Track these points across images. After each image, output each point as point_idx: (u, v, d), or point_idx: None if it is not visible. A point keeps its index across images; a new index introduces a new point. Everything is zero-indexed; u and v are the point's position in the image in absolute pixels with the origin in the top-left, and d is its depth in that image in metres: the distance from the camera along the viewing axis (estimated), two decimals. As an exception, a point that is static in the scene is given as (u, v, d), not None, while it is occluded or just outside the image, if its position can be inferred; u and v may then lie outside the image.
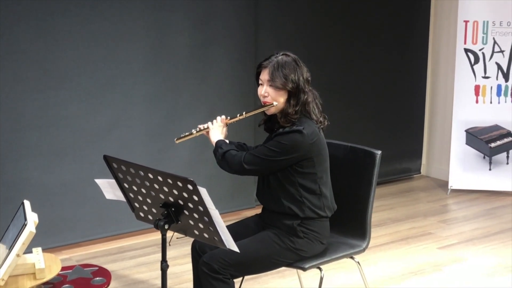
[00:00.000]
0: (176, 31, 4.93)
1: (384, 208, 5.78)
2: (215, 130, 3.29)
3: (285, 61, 3.13)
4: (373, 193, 3.41)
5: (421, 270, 4.43)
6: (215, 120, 3.32)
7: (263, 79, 3.15)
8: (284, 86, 3.10)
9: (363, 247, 3.41)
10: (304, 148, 3.08)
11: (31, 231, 2.54)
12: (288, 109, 3.13)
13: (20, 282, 2.63)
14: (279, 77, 3.09)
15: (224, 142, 3.23)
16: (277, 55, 3.17)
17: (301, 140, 3.07)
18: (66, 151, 4.59)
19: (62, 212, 4.65)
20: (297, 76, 3.12)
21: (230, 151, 3.17)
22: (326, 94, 5.85)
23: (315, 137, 3.13)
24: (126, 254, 4.71)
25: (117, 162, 2.86)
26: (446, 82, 6.50)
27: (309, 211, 3.16)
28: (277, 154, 3.07)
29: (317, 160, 3.16)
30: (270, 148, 3.09)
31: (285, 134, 3.08)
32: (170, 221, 2.79)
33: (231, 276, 3.10)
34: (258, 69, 3.21)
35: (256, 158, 3.10)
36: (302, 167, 3.13)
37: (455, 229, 5.25)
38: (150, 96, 4.91)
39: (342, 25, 5.90)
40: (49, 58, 4.45)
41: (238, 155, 3.15)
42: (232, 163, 3.14)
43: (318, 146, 3.16)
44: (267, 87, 3.13)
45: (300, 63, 3.19)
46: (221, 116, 3.32)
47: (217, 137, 3.27)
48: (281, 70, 3.10)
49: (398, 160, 6.55)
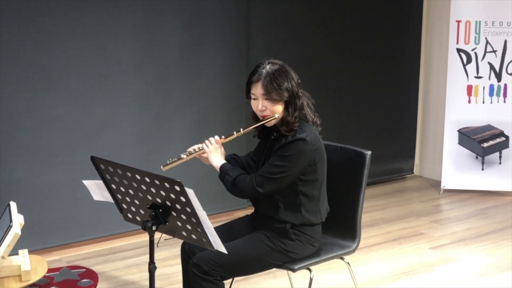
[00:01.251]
0: (166, 31, 4.91)
1: (376, 208, 5.77)
2: (213, 153, 3.19)
3: (275, 70, 3.06)
4: (363, 193, 3.40)
5: (412, 270, 4.42)
6: (208, 142, 3.21)
7: (257, 94, 3.08)
8: (280, 97, 3.05)
9: (353, 248, 3.40)
10: (308, 155, 3.06)
11: (16, 233, 2.52)
12: (287, 118, 3.08)
13: (6, 284, 2.62)
14: (274, 89, 3.03)
15: (230, 167, 3.15)
16: (264, 65, 3.10)
17: (306, 148, 3.04)
18: (56, 152, 4.57)
19: (52, 213, 4.63)
20: (290, 83, 3.08)
21: (239, 177, 3.10)
22: (319, 95, 5.85)
23: (318, 142, 3.12)
24: (117, 255, 4.69)
25: (104, 163, 2.84)
26: (438, 82, 6.50)
27: (304, 219, 3.15)
28: (285, 168, 3.02)
29: (320, 165, 3.15)
30: (277, 164, 3.03)
31: (288, 145, 3.04)
32: (158, 222, 2.78)
33: (221, 277, 3.09)
34: (248, 85, 3.12)
35: (267, 179, 3.04)
36: (305, 175, 3.11)
37: (447, 229, 5.25)
38: (140, 97, 4.89)
39: (334, 25, 5.89)
40: (39, 59, 4.43)
41: (248, 180, 3.07)
42: (245, 190, 3.08)
43: (320, 151, 3.15)
44: (263, 101, 3.07)
45: (287, 68, 3.14)
46: (215, 137, 3.21)
47: (219, 161, 3.18)
48: (274, 81, 3.03)
49: (391, 160, 6.54)
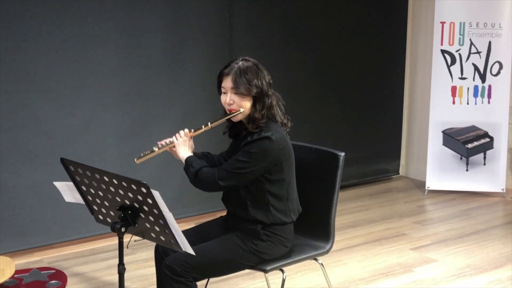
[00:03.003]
0: (148, 32, 4.93)
1: (360, 209, 5.79)
2: (181, 145, 3.21)
3: (247, 67, 3.10)
4: (336, 194, 3.42)
5: (391, 271, 4.44)
6: (178, 135, 3.24)
7: (227, 87, 3.12)
8: (248, 92, 3.08)
9: (327, 249, 3.41)
10: (273, 154, 3.08)
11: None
12: (254, 114, 3.10)
13: (-29, 286, 2.64)
14: (243, 83, 3.06)
15: (194, 160, 3.18)
16: (237, 61, 3.14)
17: (271, 146, 3.06)
18: (36, 153, 4.58)
19: (33, 214, 4.64)
20: (260, 81, 3.11)
21: (202, 169, 3.12)
22: (303, 96, 5.94)
23: (284, 142, 3.13)
24: (98, 256, 4.70)
25: (74, 165, 2.86)
26: (423, 83, 6.52)
27: (275, 218, 3.16)
28: (248, 164, 3.05)
29: (286, 165, 3.16)
30: (241, 160, 3.06)
31: (254, 142, 3.06)
32: (127, 224, 2.80)
33: (193, 279, 3.09)
34: (219, 77, 3.16)
35: (230, 173, 3.07)
36: (271, 174, 3.12)
37: (429, 230, 5.26)
38: (122, 98, 4.90)
39: (318, 25, 5.90)
40: (19, 60, 4.43)
41: (210, 172, 3.10)
42: (207, 182, 3.11)
43: (286, 151, 3.16)
44: (232, 94, 3.10)
45: (260, 67, 3.17)
46: (184, 130, 3.24)
47: (185, 153, 3.21)
48: (244, 76, 3.07)
49: (377, 160, 6.56)
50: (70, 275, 4.37)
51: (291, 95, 5.77)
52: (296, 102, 5.85)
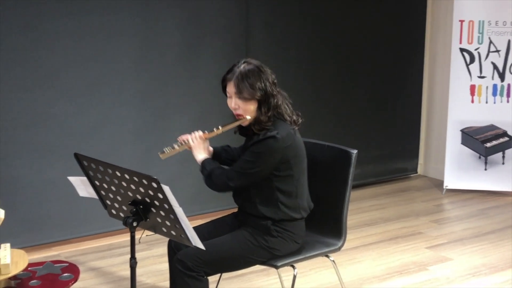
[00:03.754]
0: (166, 29, 4.97)
1: (376, 207, 5.78)
2: (196, 148, 3.27)
3: (248, 70, 3.10)
4: (348, 192, 3.42)
5: (405, 269, 4.43)
6: (194, 136, 3.29)
7: (230, 92, 3.15)
8: (252, 96, 3.09)
9: (339, 246, 3.42)
10: (280, 152, 3.09)
11: (-6, 227, 2.59)
12: (260, 117, 3.12)
13: (-15, 277, 2.69)
14: (245, 88, 3.08)
15: (208, 161, 3.23)
16: (239, 64, 3.15)
17: (276, 145, 3.07)
18: (54, 149, 4.64)
19: (50, 210, 4.71)
20: (263, 83, 3.11)
21: (214, 171, 3.17)
22: (320, 93, 5.94)
23: (290, 140, 3.14)
24: (115, 251, 4.75)
25: (87, 160, 2.90)
26: (442, 81, 6.49)
27: (284, 214, 3.18)
28: (256, 164, 3.08)
29: (294, 162, 3.17)
30: (248, 160, 3.10)
31: (259, 142, 3.08)
32: (138, 218, 2.84)
33: (205, 273, 3.13)
34: (223, 82, 3.19)
35: (238, 174, 3.11)
36: (279, 171, 3.14)
37: (446, 229, 5.24)
38: (139, 94, 4.95)
39: (335, 25, 5.90)
40: (37, 57, 4.50)
41: (222, 174, 3.14)
42: (218, 183, 3.16)
43: (294, 148, 3.17)
44: (236, 99, 3.13)
45: (263, 68, 3.16)
46: (199, 131, 3.29)
47: (201, 155, 3.26)
48: (246, 80, 3.08)
49: (394, 159, 6.55)
50: (87, 269, 4.44)
51: (308, 93, 5.82)
52: (313, 100, 5.88)
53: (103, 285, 4.21)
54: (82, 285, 4.18)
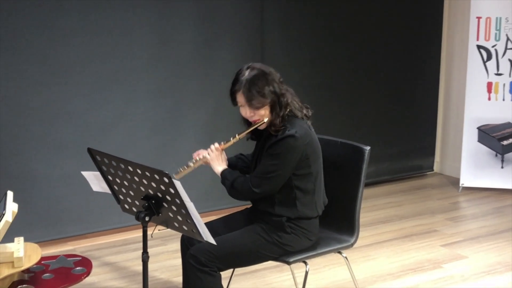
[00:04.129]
0: (181, 26, 4.98)
1: (392, 205, 5.76)
2: (214, 160, 3.27)
3: (253, 76, 3.08)
4: (361, 188, 3.41)
5: (420, 267, 4.41)
6: (209, 150, 3.30)
7: (241, 102, 3.13)
8: (263, 103, 3.09)
9: (351, 242, 3.41)
10: (300, 151, 3.09)
11: (7, 220, 2.61)
12: (275, 120, 3.11)
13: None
14: (254, 97, 3.07)
15: (229, 172, 3.22)
16: (243, 72, 3.12)
17: (295, 144, 3.07)
18: (69, 144, 4.67)
19: (66, 205, 4.74)
20: (271, 86, 3.09)
21: (236, 180, 3.16)
22: (336, 90, 5.93)
23: (308, 137, 3.14)
24: (130, 247, 4.78)
25: (100, 155, 2.92)
26: (459, 78, 6.45)
27: (300, 213, 3.18)
28: (277, 166, 3.07)
29: (312, 158, 3.17)
30: (270, 164, 3.08)
31: (278, 143, 3.07)
32: (151, 213, 2.85)
33: (217, 269, 3.14)
34: (232, 95, 3.16)
35: (261, 180, 3.10)
36: (299, 169, 3.14)
37: (461, 227, 5.22)
38: (154, 91, 4.97)
39: (352, 21, 5.88)
40: (53, 53, 4.53)
41: (245, 182, 3.13)
42: (243, 192, 3.15)
43: (312, 145, 3.17)
44: (248, 108, 3.12)
45: (266, 70, 3.13)
46: (215, 144, 3.30)
47: (219, 167, 3.26)
48: (253, 89, 3.06)
49: (410, 157, 6.52)
50: (101, 264, 4.47)
51: (323, 90, 5.81)
52: (329, 97, 5.87)
53: (117, 280, 4.24)
54: (96, 279, 4.21)
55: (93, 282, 4.17)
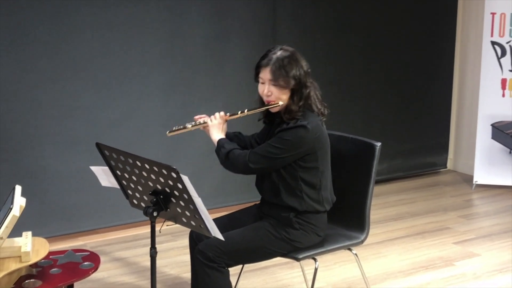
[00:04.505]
0: (192, 21, 4.97)
1: (404, 202, 5.72)
2: (214, 127, 3.25)
3: (285, 57, 3.07)
4: (372, 184, 3.38)
5: (431, 264, 4.38)
6: (213, 116, 3.28)
7: (265, 78, 3.11)
8: (287, 84, 3.07)
9: (361, 239, 3.39)
10: (308, 143, 3.08)
11: (14, 215, 2.60)
12: (292, 106, 3.10)
13: (6, 265, 2.71)
14: (281, 76, 3.05)
15: (226, 141, 3.20)
16: (275, 50, 3.12)
17: (306, 135, 3.06)
18: (80, 140, 4.67)
19: (77, 200, 4.75)
20: (299, 72, 3.09)
21: (233, 151, 3.14)
22: (349, 86, 5.89)
23: (319, 131, 3.12)
24: (140, 242, 4.78)
25: (108, 150, 2.91)
26: (473, 75, 6.39)
27: (308, 205, 3.16)
28: (282, 151, 3.06)
29: (320, 154, 3.16)
30: (275, 145, 3.07)
31: (289, 130, 3.06)
32: (159, 208, 2.83)
33: (225, 264, 3.12)
34: (257, 69, 3.15)
35: (261, 157, 3.08)
36: (305, 162, 3.12)
37: (474, 224, 5.17)
38: (165, 86, 4.96)
39: (365, 15, 5.84)
40: (65, 49, 4.53)
41: (242, 154, 3.11)
42: (237, 163, 3.12)
43: (321, 140, 3.15)
44: (270, 86, 3.10)
45: (299, 56, 3.14)
46: (220, 112, 3.28)
47: (218, 135, 3.24)
48: (282, 68, 3.05)
49: (424, 154, 6.47)
50: (112, 260, 4.47)
51: (336, 86, 5.77)
52: (341, 92, 5.83)
53: (127, 276, 4.23)
54: (106, 274, 4.21)
55: (103, 277, 4.17)
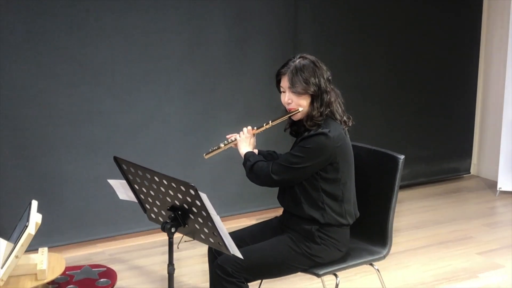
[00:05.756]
0: (213, 27, 4.92)
1: (427, 209, 5.64)
2: (242, 142, 3.25)
3: (303, 65, 3.07)
4: (395, 198, 3.31)
5: (454, 276, 4.29)
6: (241, 132, 3.28)
7: (284, 86, 3.11)
8: (305, 90, 3.05)
9: (383, 254, 3.32)
10: (329, 151, 3.02)
11: (29, 233, 2.56)
12: (312, 112, 3.07)
13: (21, 283, 2.67)
14: (299, 82, 3.04)
15: (252, 154, 3.19)
16: (294, 59, 3.12)
17: (327, 143, 3.01)
18: (100, 145, 4.64)
19: (96, 206, 4.72)
20: (318, 78, 3.06)
21: (257, 163, 3.13)
22: (371, 91, 5.81)
23: (341, 140, 3.07)
24: (159, 250, 4.74)
25: (126, 164, 2.87)
26: (498, 79, 6.28)
27: (330, 218, 3.10)
28: (303, 159, 3.02)
29: (342, 164, 3.09)
30: (295, 154, 3.04)
31: (310, 138, 3.03)
32: (177, 224, 2.79)
33: (245, 279, 3.07)
34: (277, 77, 3.15)
35: (284, 167, 3.05)
36: (327, 172, 3.07)
37: (498, 234, 5.07)
38: (185, 92, 4.92)
39: (387, 20, 5.76)
40: (84, 54, 4.51)
41: (265, 166, 3.10)
42: (261, 175, 3.10)
43: (343, 150, 3.09)
44: (289, 93, 3.09)
45: (319, 64, 3.12)
46: (248, 127, 3.28)
47: (245, 149, 3.23)
48: (300, 74, 3.04)
49: (447, 159, 6.39)
50: (130, 268, 4.44)
51: (358, 92, 5.70)
52: (363, 98, 5.76)
53: (145, 285, 4.19)
54: (124, 284, 4.17)
55: (121, 286, 4.13)
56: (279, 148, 3.56)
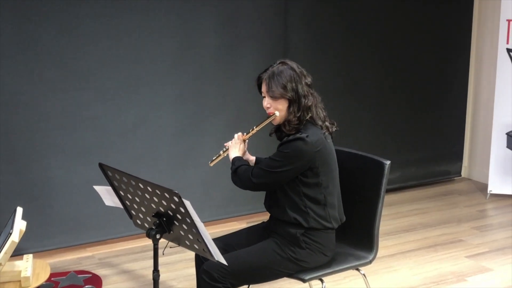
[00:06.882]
0: (203, 30, 4.92)
1: (416, 212, 5.65)
2: (232, 147, 3.30)
3: (281, 70, 3.10)
4: (381, 204, 3.32)
5: (443, 279, 4.31)
6: (233, 139, 3.32)
7: (264, 91, 3.16)
8: (281, 95, 3.08)
9: (370, 259, 3.33)
10: (307, 156, 3.04)
11: (13, 241, 2.57)
12: (289, 117, 3.11)
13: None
14: (275, 86, 3.08)
15: (238, 159, 3.23)
16: (274, 65, 3.16)
17: (304, 147, 3.03)
18: (90, 150, 4.64)
19: (85, 211, 4.71)
20: (295, 83, 3.09)
21: (241, 167, 3.18)
22: (362, 94, 5.82)
23: (320, 145, 3.08)
24: (148, 254, 4.73)
25: (111, 171, 2.88)
26: (488, 82, 6.30)
27: (314, 221, 3.12)
28: (281, 164, 3.05)
29: (322, 169, 3.11)
30: (274, 159, 3.08)
31: (288, 143, 3.06)
32: (162, 230, 2.80)
33: (231, 285, 3.08)
34: (258, 81, 3.20)
35: (262, 171, 3.10)
36: (307, 177, 3.09)
37: (487, 237, 5.09)
38: (176, 96, 4.92)
39: (378, 23, 5.77)
40: (74, 58, 4.50)
41: (247, 170, 3.15)
42: (242, 178, 3.16)
43: (323, 155, 3.11)
44: (268, 98, 3.13)
45: (297, 69, 3.14)
46: (238, 133, 3.32)
47: (234, 154, 3.28)
48: (277, 79, 3.08)
49: (437, 162, 6.40)
50: (120, 272, 4.44)
51: (348, 95, 5.71)
52: (353, 102, 5.77)
53: (135, 289, 4.21)
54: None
55: (111, 291, 4.15)
56: (270, 153, 3.56)
